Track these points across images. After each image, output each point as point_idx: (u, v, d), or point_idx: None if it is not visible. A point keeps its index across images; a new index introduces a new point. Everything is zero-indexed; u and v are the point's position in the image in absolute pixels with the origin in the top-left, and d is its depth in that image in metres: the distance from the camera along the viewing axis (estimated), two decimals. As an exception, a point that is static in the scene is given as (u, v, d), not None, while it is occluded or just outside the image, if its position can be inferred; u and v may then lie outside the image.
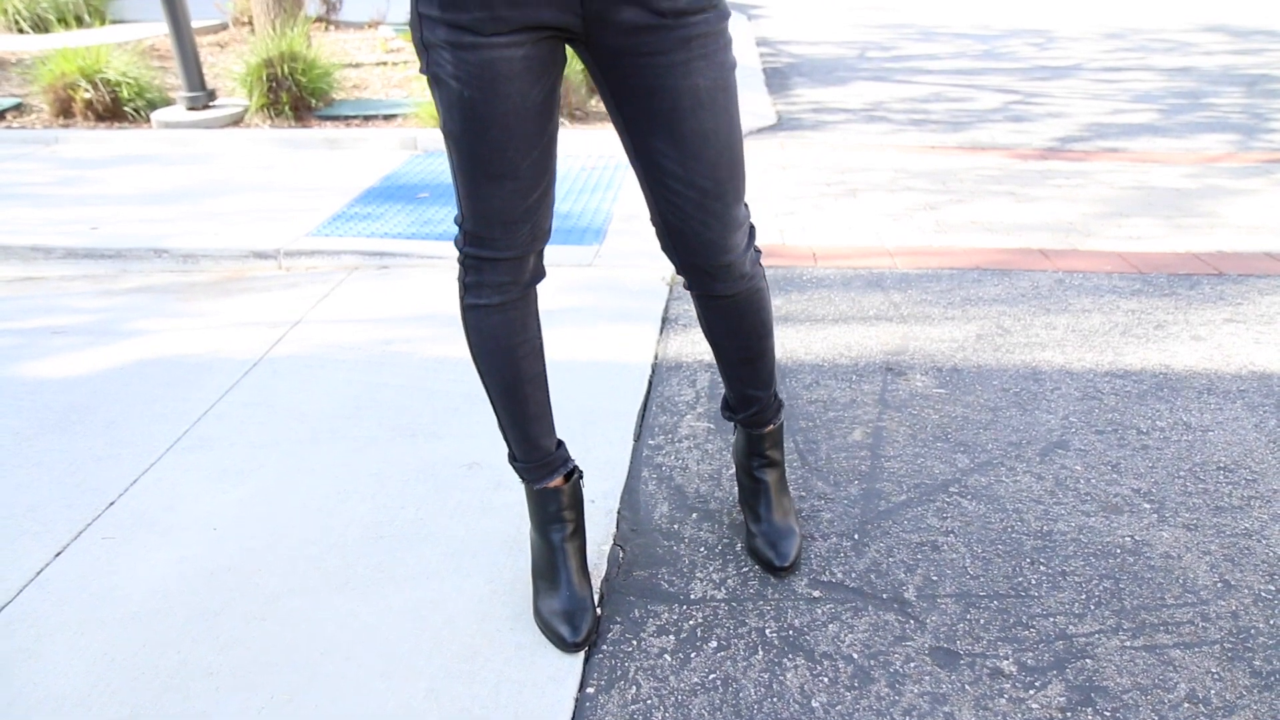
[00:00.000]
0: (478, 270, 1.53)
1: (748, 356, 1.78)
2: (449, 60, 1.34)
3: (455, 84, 1.35)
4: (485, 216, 1.46)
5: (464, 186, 1.46)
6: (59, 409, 2.52)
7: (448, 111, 1.39)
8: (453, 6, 1.30)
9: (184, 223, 3.79)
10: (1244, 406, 2.46)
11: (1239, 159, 5.06)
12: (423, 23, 1.35)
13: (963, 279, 3.29)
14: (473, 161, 1.41)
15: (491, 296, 1.54)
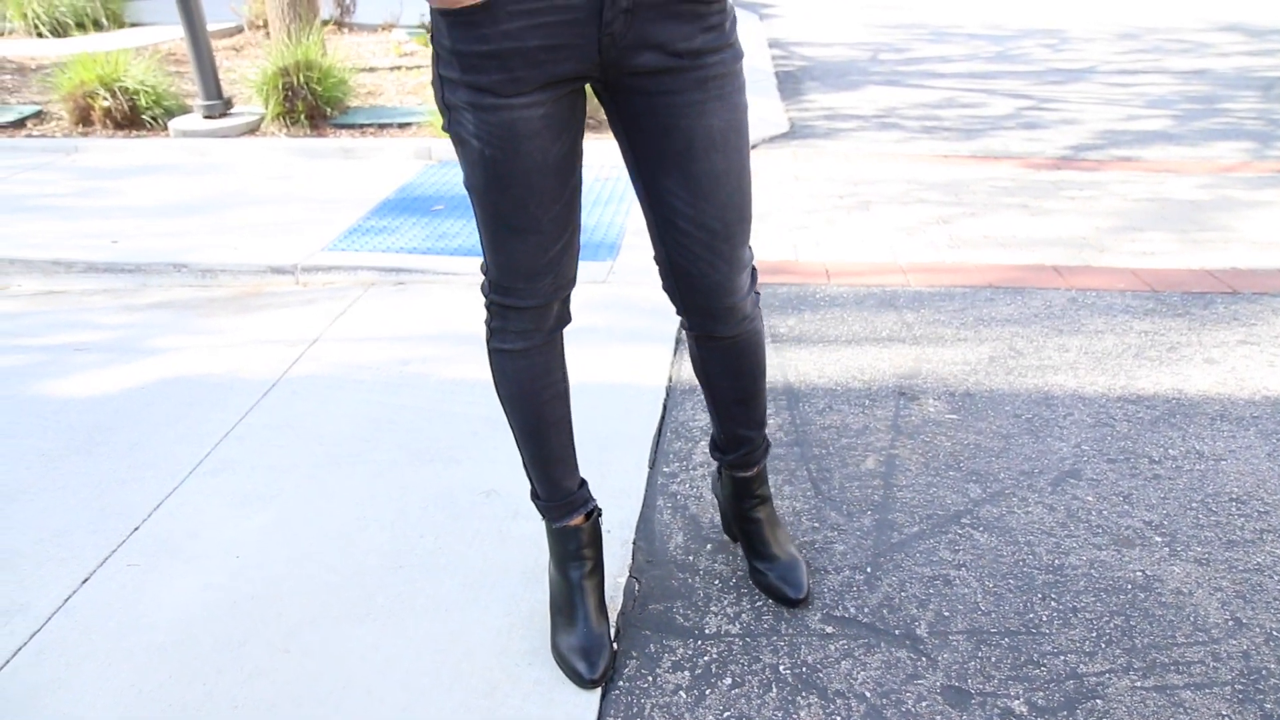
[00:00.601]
0: (502, 316, 1.56)
1: (742, 397, 1.80)
2: (470, 121, 1.37)
3: (477, 143, 1.38)
4: (509, 268, 1.49)
5: (488, 239, 1.49)
6: (83, 429, 2.56)
7: (471, 169, 1.42)
8: (473, 70, 1.33)
9: (203, 235, 3.83)
10: (1257, 434, 2.47)
11: (1254, 168, 5.05)
12: (444, 85, 1.37)
13: (975, 298, 3.30)
14: (496, 216, 1.44)
15: (516, 342, 1.57)
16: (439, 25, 1.34)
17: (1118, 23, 11.68)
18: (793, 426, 2.49)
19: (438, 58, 1.37)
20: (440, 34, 1.34)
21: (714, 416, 1.87)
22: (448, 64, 1.35)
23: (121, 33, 8.50)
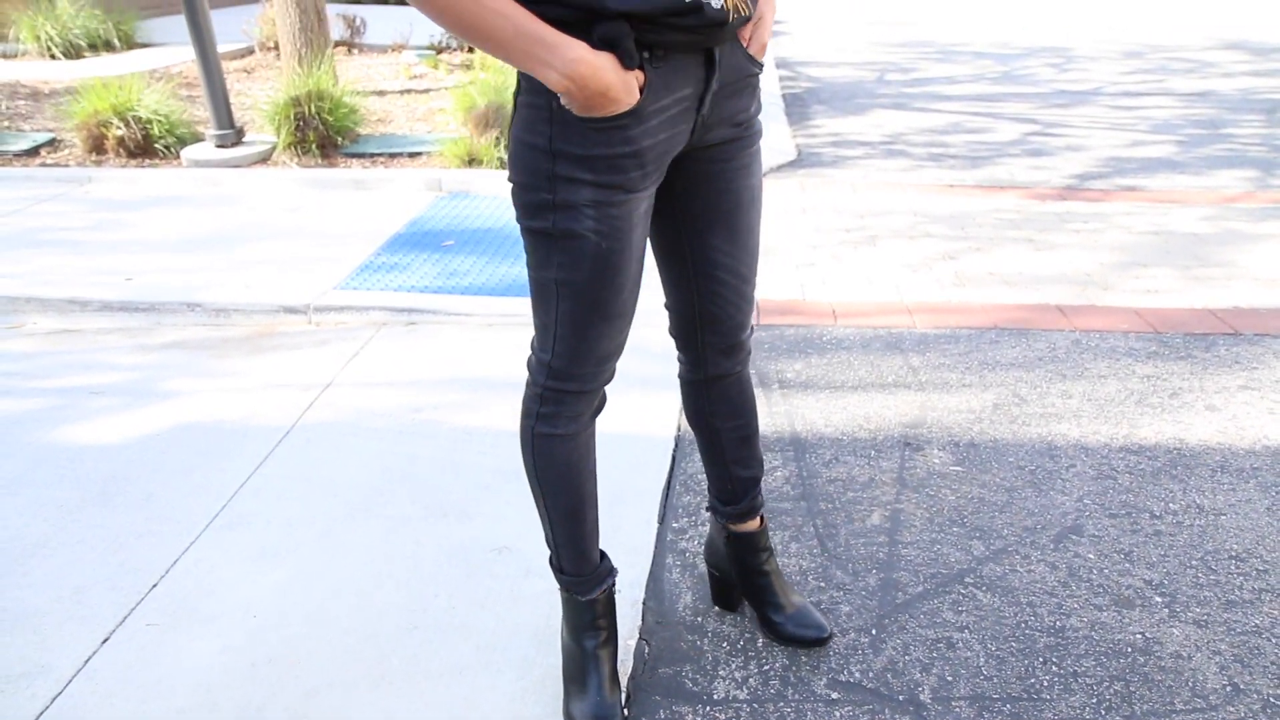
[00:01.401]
0: (558, 402, 1.57)
1: (746, 434, 1.86)
2: (591, 217, 1.38)
3: (594, 238, 1.39)
4: (586, 356, 1.51)
5: (569, 329, 1.49)
6: (99, 479, 2.60)
7: (573, 263, 1.42)
8: (608, 170, 1.35)
9: (215, 272, 3.88)
10: (1257, 487, 2.50)
11: (1257, 199, 5.09)
12: (558, 185, 1.36)
13: (980, 340, 3.34)
14: (591, 308, 1.46)
15: (568, 426, 1.60)
16: (567, 134, 1.33)
17: (1123, 40, 11.72)
18: (799, 480, 2.53)
19: (552, 157, 1.35)
20: (568, 141, 1.33)
21: (716, 467, 1.92)
22: (572, 166, 1.35)
23: (133, 54, 8.57)
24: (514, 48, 1.21)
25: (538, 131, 1.35)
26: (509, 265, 3.94)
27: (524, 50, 1.21)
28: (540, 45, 1.21)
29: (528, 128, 1.36)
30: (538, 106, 1.34)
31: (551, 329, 1.50)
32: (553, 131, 1.33)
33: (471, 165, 5.19)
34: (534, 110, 1.35)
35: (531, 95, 1.35)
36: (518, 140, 1.39)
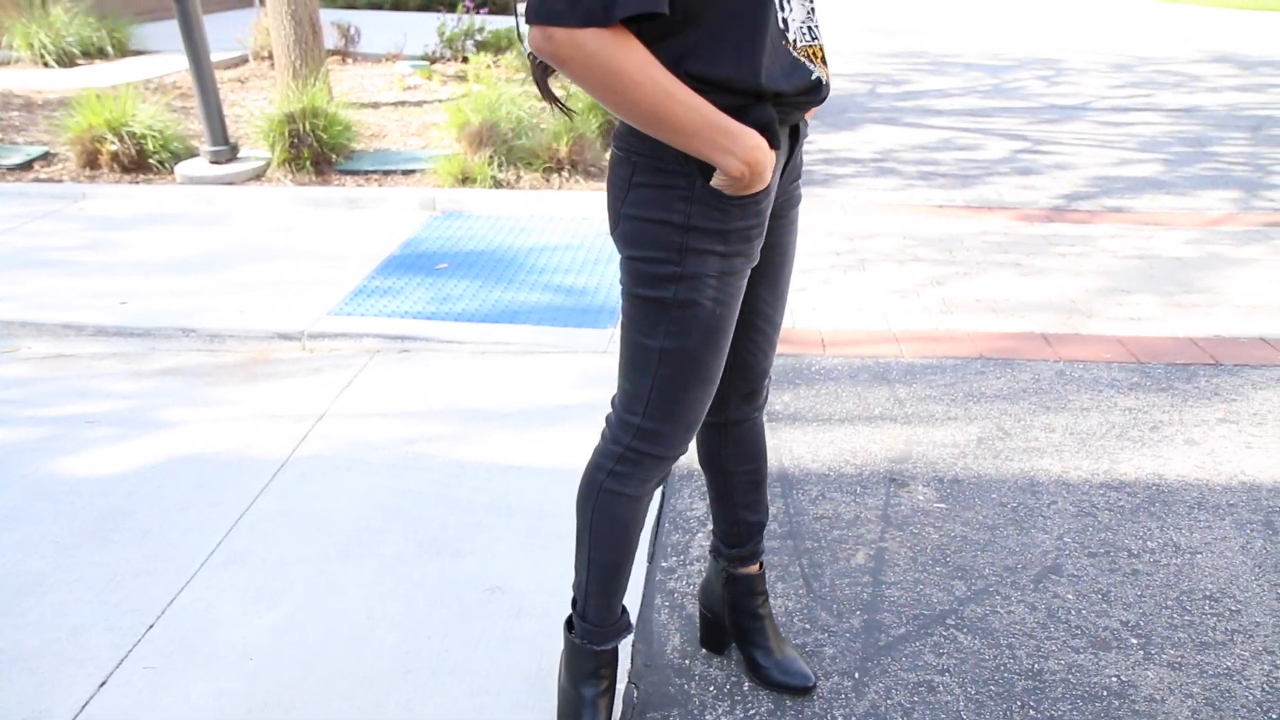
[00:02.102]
0: (637, 464, 1.60)
1: (757, 479, 1.93)
2: (713, 287, 1.44)
3: (712, 305, 1.46)
4: (679, 421, 1.56)
5: (666, 394, 1.53)
6: (96, 513, 2.64)
7: (683, 331, 1.47)
8: (740, 241, 1.43)
9: (210, 295, 3.92)
10: (1232, 524, 2.56)
11: (1240, 221, 5.16)
12: (687, 256, 1.42)
13: (966, 370, 3.39)
14: (691, 373, 1.51)
15: (639, 488, 1.64)
16: (705, 211, 1.39)
17: (1113, 52, 11.80)
18: (786, 517, 2.58)
19: (685, 232, 1.40)
20: (705, 218, 1.39)
21: (724, 510, 1.97)
22: (707, 240, 1.41)
23: (127, 62, 8.58)
24: (701, 137, 1.28)
25: (671, 209, 1.40)
26: (501, 290, 3.99)
27: (710, 139, 1.28)
28: (725, 135, 1.28)
29: (657, 206, 1.41)
30: (672, 186, 1.39)
31: (645, 393, 1.54)
32: (690, 209, 1.39)
33: (465, 184, 5.22)
34: (665, 190, 1.40)
35: (662, 176, 1.39)
36: (640, 219, 1.43)
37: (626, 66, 1.22)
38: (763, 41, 1.30)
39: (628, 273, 1.48)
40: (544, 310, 3.78)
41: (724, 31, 1.29)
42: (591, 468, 1.66)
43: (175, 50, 8.81)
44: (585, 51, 1.21)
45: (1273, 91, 9.11)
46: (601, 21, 1.19)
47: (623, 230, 1.46)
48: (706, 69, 1.29)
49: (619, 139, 1.46)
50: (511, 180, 5.27)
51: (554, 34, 1.21)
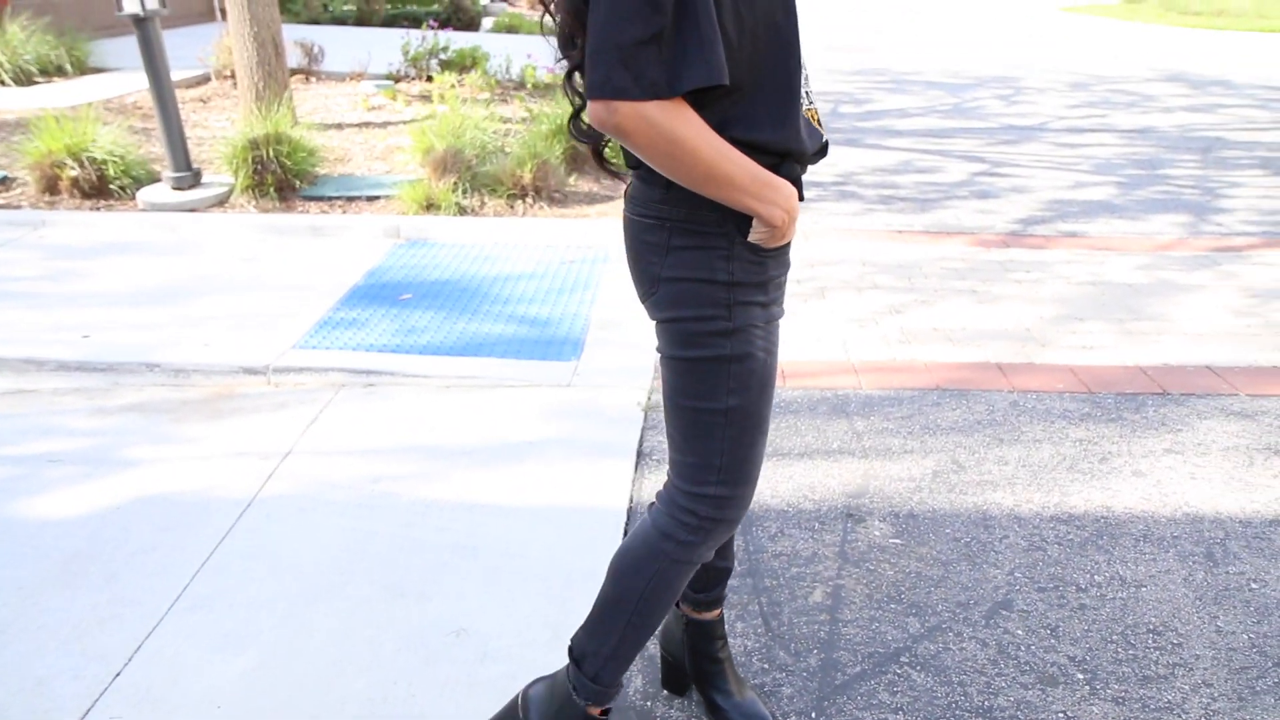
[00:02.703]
0: (710, 532, 1.63)
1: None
2: (761, 336, 1.52)
3: (762, 354, 1.53)
4: (748, 477, 1.60)
5: (735, 455, 1.57)
6: (59, 557, 2.65)
7: (743, 386, 1.52)
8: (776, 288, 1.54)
9: (174, 328, 3.92)
10: (1176, 556, 2.65)
11: (1189, 246, 5.29)
12: (735, 310, 1.49)
13: (923, 402, 3.47)
14: (755, 426, 1.57)
15: (700, 557, 1.67)
16: (745, 266, 1.48)
17: (1070, 70, 12.01)
18: (746, 555, 2.64)
19: (730, 289, 1.48)
20: (747, 273, 1.48)
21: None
22: (751, 292, 1.49)
23: (86, 80, 8.52)
24: (749, 191, 1.38)
25: (714, 269, 1.47)
26: (466, 321, 4.02)
27: (756, 193, 1.39)
28: (769, 188, 1.40)
29: (700, 267, 1.48)
30: (713, 247, 1.47)
31: (715, 460, 1.57)
32: (732, 266, 1.47)
33: (430, 210, 5.25)
34: (706, 250, 1.47)
35: (700, 238, 1.47)
36: (683, 279, 1.49)
37: (687, 134, 1.32)
38: (796, 109, 1.43)
39: (675, 337, 1.53)
40: (508, 342, 3.82)
41: (762, 100, 1.41)
42: (656, 536, 1.66)
43: (135, 68, 8.72)
44: (649, 123, 1.29)
45: (1222, 112, 9.32)
46: (665, 95, 1.29)
47: (664, 293, 1.51)
48: (747, 133, 1.40)
49: (644, 205, 1.51)
50: (476, 207, 5.31)
51: (619, 108, 1.28)
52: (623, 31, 1.25)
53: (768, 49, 1.40)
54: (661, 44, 1.26)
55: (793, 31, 1.42)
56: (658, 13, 1.24)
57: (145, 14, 5.01)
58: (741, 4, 1.35)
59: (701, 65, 1.28)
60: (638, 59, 1.26)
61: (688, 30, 1.27)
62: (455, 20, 13.33)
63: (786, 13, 1.41)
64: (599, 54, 1.27)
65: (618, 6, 1.25)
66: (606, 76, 1.27)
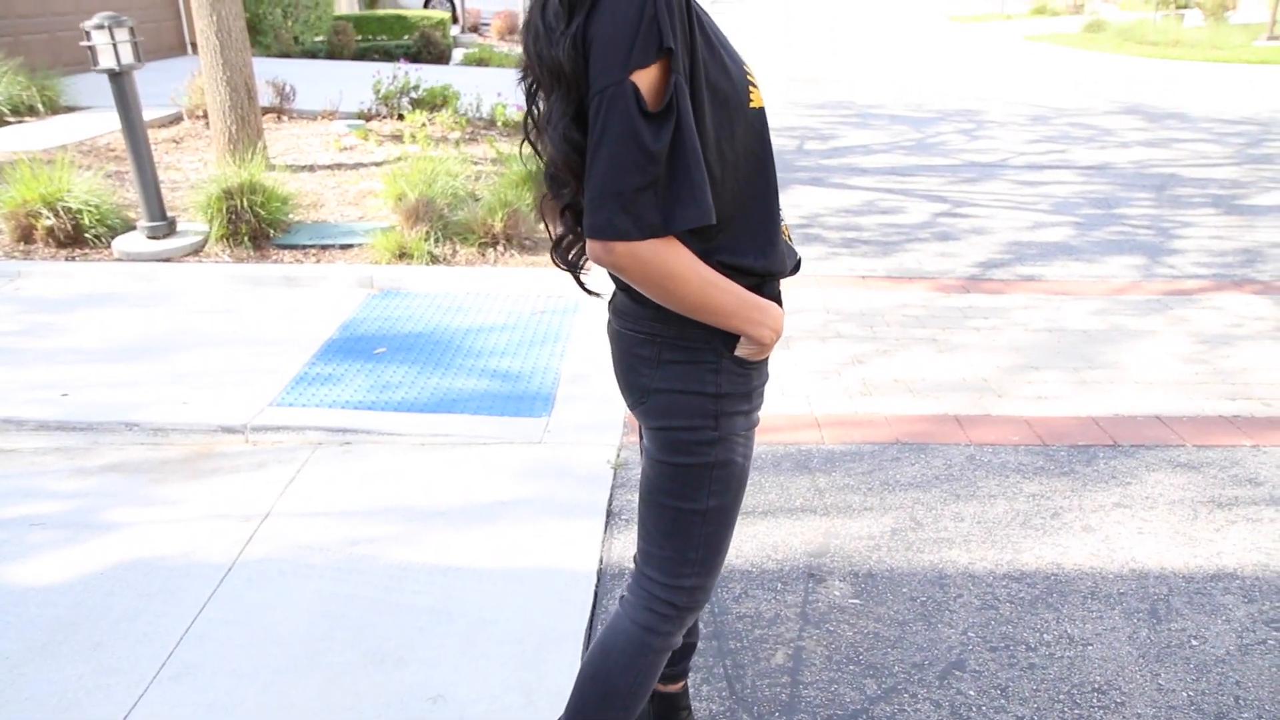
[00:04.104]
0: (681, 620, 1.75)
1: None
2: (742, 441, 1.63)
3: (742, 459, 1.64)
4: (719, 567, 1.73)
5: (709, 551, 1.69)
6: (44, 625, 2.71)
7: (724, 488, 1.64)
8: (759, 396, 1.64)
9: (152, 386, 3.99)
10: (1122, 613, 2.78)
11: (1142, 289, 5.47)
12: (722, 420, 1.59)
13: (883, 456, 3.60)
14: (729, 524, 1.69)
15: (677, 639, 1.78)
16: (733, 379, 1.57)
17: (1031, 103, 12.26)
18: (712, 617, 2.75)
19: (717, 400, 1.58)
20: (734, 385, 1.58)
21: None
22: (736, 403, 1.59)
23: (59, 121, 8.56)
24: (738, 315, 1.50)
25: (703, 382, 1.57)
26: (439, 376, 4.12)
27: (745, 316, 1.51)
28: (757, 310, 1.52)
29: (690, 380, 1.58)
30: (703, 362, 1.57)
31: (691, 555, 1.68)
32: (720, 379, 1.57)
33: (402, 259, 5.35)
34: (696, 365, 1.58)
35: (690, 354, 1.57)
36: (674, 392, 1.59)
37: (678, 268, 1.43)
38: (777, 233, 1.56)
39: (664, 444, 1.63)
40: (481, 398, 3.92)
41: (746, 228, 1.53)
42: (637, 633, 1.75)
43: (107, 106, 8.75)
44: (642, 260, 1.41)
45: (1177, 147, 9.58)
46: (661, 234, 1.40)
47: (654, 404, 1.62)
48: (732, 258, 1.52)
49: (635, 321, 1.62)
50: (448, 255, 5.41)
51: (615, 247, 1.40)
52: (623, 180, 1.36)
53: (749, 180, 1.52)
54: (657, 189, 1.38)
55: (769, 159, 1.54)
56: (654, 163, 1.36)
57: (120, 69, 5.08)
58: (724, 142, 1.47)
59: (693, 206, 1.38)
60: (637, 204, 1.37)
61: (680, 176, 1.37)
62: (426, 54, 13.45)
63: (763, 143, 1.53)
64: (601, 200, 1.38)
65: (617, 158, 1.35)
66: (609, 220, 1.38)
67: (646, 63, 1.34)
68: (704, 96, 1.42)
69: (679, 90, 1.36)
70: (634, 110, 1.34)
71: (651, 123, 1.35)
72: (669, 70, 1.36)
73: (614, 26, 1.35)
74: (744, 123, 1.49)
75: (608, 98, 1.34)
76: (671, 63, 1.36)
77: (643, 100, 1.34)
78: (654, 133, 1.35)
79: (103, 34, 4.96)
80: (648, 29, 1.33)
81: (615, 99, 1.34)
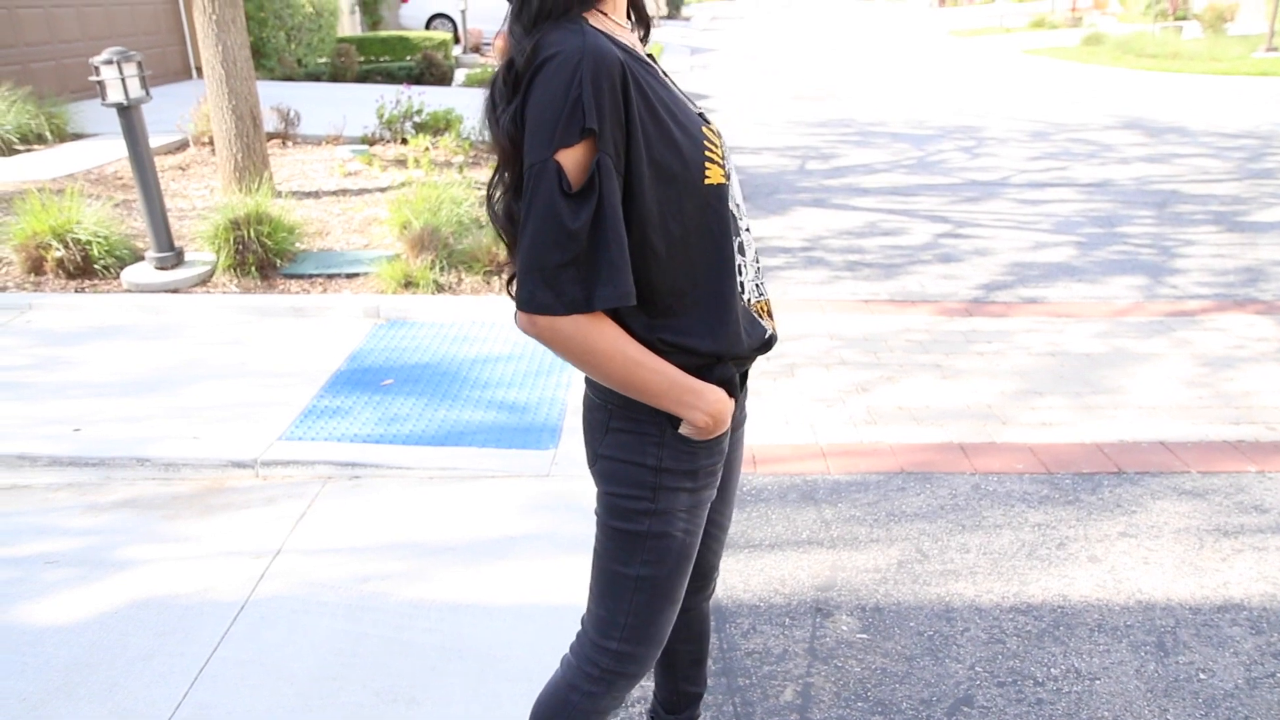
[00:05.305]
0: (611, 684, 1.74)
1: (699, 656, 2.12)
2: (684, 519, 1.63)
3: (683, 535, 1.63)
4: (652, 641, 1.71)
5: (640, 619, 1.67)
6: (60, 666, 2.74)
7: (658, 560, 1.63)
8: (707, 476, 1.62)
9: (163, 420, 4.03)
10: (1129, 647, 2.80)
11: (1144, 310, 5.50)
12: (660, 494, 1.59)
13: (888, 486, 3.62)
14: (669, 595, 1.68)
15: (608, 706, 1.77)
16: (676, 454, 1.57)
17: (1030, 118, 12.30)
18: (720, 653, 2.77)
19: (658, 473, 1.57)
20: (676, 460, 1.57)
21: (667, 681, 2.15)
22: (677, 479, 1.59)
23: (66, 149, 8.63)
24: (668, 397, 1.49)
25: (645, 454, 1.58)
26: (446, 408, 4.15)
27: (676, 398, 1.50)
28: (689, 393, 1.50)
29: (632, 450, 1.59)
30: (646, 434, 1.57)
31: (620, 619, 1.68)
32: (662, 453, 1.57)
33: (408, 288, 5.39)
34: (639, 436, 1.58)
35: (636, 424, 1.58)
36: (617, 459, 1.60)
37: (600, 345, 1.44)
38: (730, 315, 1.54)
39: (604, 506, 1.66)
40: (488, 430, 3.95)
41: (696, 307, 1.53)
42: (564, 688, 1.78)
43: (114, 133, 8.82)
44: (564, 335, 1.43)
45: (1177, 162, 9.61)
46: (584, 310, 1.41)
47: (600, 468, 1.64)
48: (678, 338, 1.52)
49: (592, 386, 1.65)
50: (453, 284, 5.44)
51: (537, 320, 1.42)
52: (545, 256, 1.38)
53: (702, 257, 1.51)
54: (579, 266, 1.39)
55: (725, 236, 1.52)
56: (573, 240, 1.38)
57: (129, 103, 5.13)
58: (670, 218, 1.47)
59: (611, 286, 1.39)
60: (559, 280, 1.39)
61: (600, 255, 1.38)
62: (428, 75, 13.54)
63: (719, 219, 1.52)
64: (526, 273, 1.40)
65: (540, 234, 1.38)
66: (531, 294, 1.40)
67: (570, 142, 1.36)
68: (644, 172, 1.43)
69: (602, 170, 1.37)
70: (555, 189, 1.37)
71: (571, 201, 1.37)
72: (595, 149, 1.38)
73: (542, 106, 1.38)
74: (695, 199, 1.48)
75: (534, 174, 1.38)
76: (598, 142, 1.37)
77: (565, 179, 1.37)
78: (573, 211, 1.37)
79: (111, 69, 5.02)
80: (571, 109, 1.36)
81: (540, 176, 1.37)
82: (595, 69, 1.36)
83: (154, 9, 12.98)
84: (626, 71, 1.40)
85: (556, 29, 1.41)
